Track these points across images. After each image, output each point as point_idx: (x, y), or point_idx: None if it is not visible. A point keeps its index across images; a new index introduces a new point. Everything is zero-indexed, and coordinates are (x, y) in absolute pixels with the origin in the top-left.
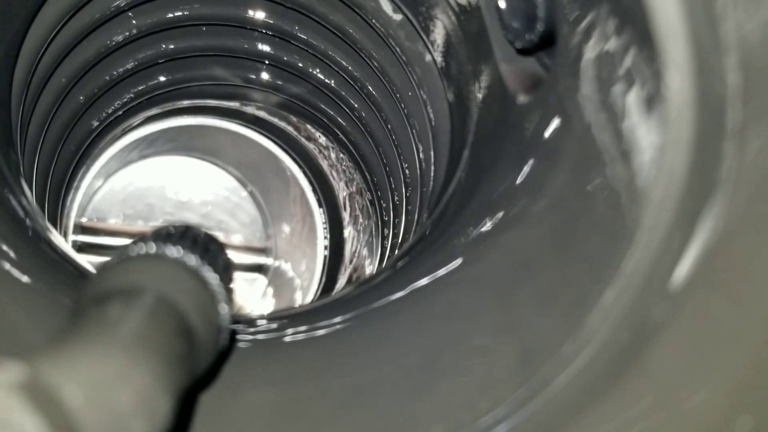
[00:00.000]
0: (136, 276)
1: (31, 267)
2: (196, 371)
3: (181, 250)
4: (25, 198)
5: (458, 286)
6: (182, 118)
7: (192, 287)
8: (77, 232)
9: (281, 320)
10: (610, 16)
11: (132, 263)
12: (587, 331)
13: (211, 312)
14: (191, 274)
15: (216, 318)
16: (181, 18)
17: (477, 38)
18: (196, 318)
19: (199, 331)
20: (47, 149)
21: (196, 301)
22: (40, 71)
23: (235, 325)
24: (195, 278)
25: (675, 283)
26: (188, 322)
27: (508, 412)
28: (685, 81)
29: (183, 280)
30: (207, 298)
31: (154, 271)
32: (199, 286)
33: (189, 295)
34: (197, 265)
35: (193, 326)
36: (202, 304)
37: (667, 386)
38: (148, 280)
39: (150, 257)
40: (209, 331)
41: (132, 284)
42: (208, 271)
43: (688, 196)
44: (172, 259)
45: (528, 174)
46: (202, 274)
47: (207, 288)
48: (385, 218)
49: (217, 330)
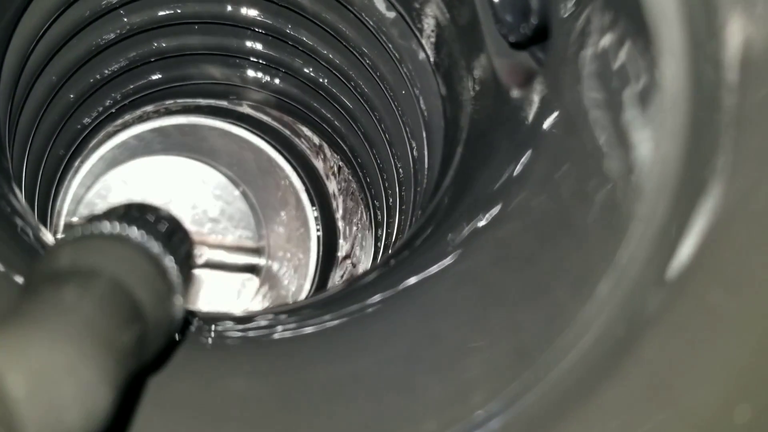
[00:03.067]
0: (94, 257)
1: (22, 266)
2: (143, 360)
3: (144, 235)
4: (14, 197)
5: (452, 281)
6: (174, 117)
7: (150, 275)
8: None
9: (271, 317)
10: (605, 9)
11: (92, 243)
12: (582, 324)
13: (166, 302)
14: (151, 261)
15: (170, 309)
16: (173, 16)
17: (470, 33)
18: (149, 307)
19: (151, 321)
20: (37, 148)
21: (151, 290)
22: (30, 69)
23: (225, 321)
24: (154, 266)
25: (671, 274)
26: (141, 311)
27: (503, 406)
28: (681, 67)
29: (141, 268)
30: (164, 288)
31: (113, 255)
32: (157, 275)
33: (145, 283)
34: (158, 252)
35: (146, 316)
36: (157, 294)
37: (663, 377)
38: (106, 263)
39: (111, 238)
40: (162, 322)
41: (89, 266)
42: (168, 260)
43: (684, 186)
44: (133, 243)
45: (522, 168)
46: (163, 262)
47: (165, 277)
48: (378, 217)
49: (170, 321)
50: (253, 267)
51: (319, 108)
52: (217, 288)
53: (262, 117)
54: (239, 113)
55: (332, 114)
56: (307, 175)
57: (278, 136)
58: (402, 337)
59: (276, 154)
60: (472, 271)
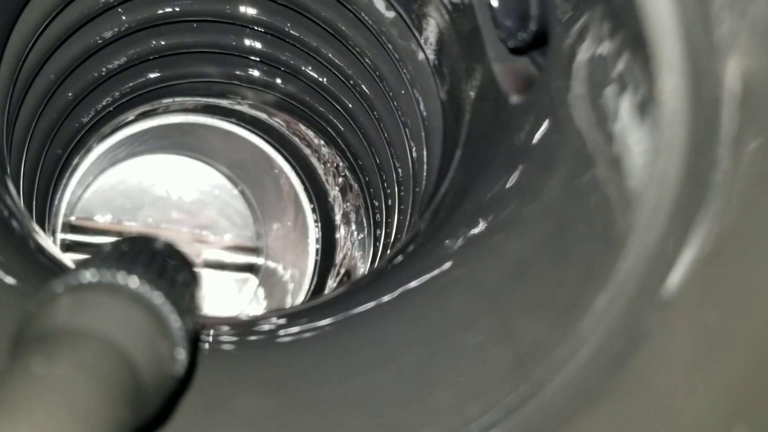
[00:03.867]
0: (83, 316)
1: (16, 268)
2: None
3: (143, 283)
4: (10, 197)
5: (449, 289)
6: (172, 116)
7: (148, 332)
8: (66, 230)
9: (271, 321)
10: (604, 18)
11: (85, 296)
12: (580, 336)
13: (167, 360)
14: (150, 314)
15: (171, 367)
16: (172, 14)
17: (470, 37)
18: (147, 371)
19: (149, 384)
20: (35, 147)
21: (150, 350)
22: (28, 67)
23: (224, 326)
24: (153, 320)
25: (668, 288)
26: (138, 375)
27: (499, 418)
28: (679, 84)
29: (138, 324)
30: (164, 346)
31: (107, 311)
32: (156, 331)
33: (143, 342)
34: (159, 303)
35: (144, 380)
36: (157, 353)
37: (661, 393)
38: (99, 322)
39: (106, 290)
40: (160, 383)
41: (81, 327)
42: (170, 311)
43: (682, 200)
44: (130, 294)
45: (520, 176)
46: (163, 313)
47: (166, 332)
48: (377, 218)
49: (169, 380)
50: (251, 266)
51: (318, 107)
52: (215, 287)
53: (260, 116)
54: (238, 112)
55: (331, 113)
56: (306, 174)
57: (277, 136)
58: (397, 347)
59: (275, 153)
60: (469, 279)
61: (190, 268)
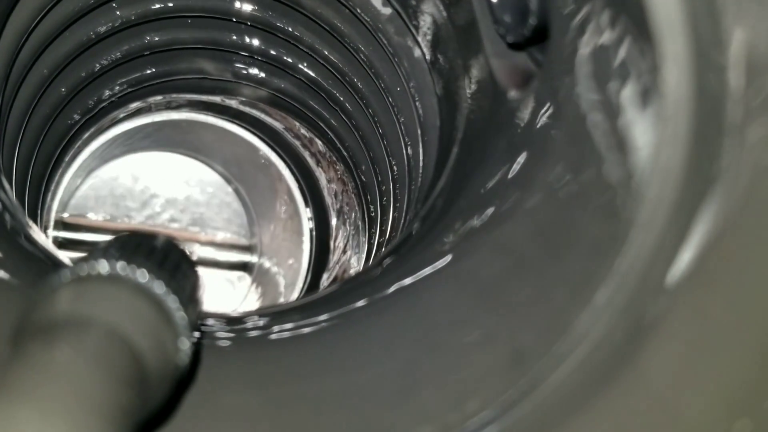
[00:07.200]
0: (89, 305)
1: (8, 263)
2: (147, 412)
3: (145, 274)
4: (3, 192)
5: (446, 284)
6: (166, 113)
7: (151, 321)
8: (59, 228)
9: (264, 318)
10: (605, 8)
11: (87, 287)
12: (580, 330)
13: (170, 350)
14: (153, 304)
15: (175, 356)
16: (166, 9)
17: (467, 32)
18: (152, 358)
19: (154, 372)
20: (27, 143)
21: (154, 338)
22: (21, 62)
23: (218, 322)
24: (156, 309)
25: (670, 281)
26: (142, 363)
27: (498, 414)
28: (684, 76)
29: (141, 313)
30: (167, 334)
31: (110, 301)
32: (159, 320)
33: (147, 331)
34: (161, 293)
35: (148, 368)
36: (160, 342)
37: (662, 387)
38: (103, 311)
39: (108, 280)
40: (166, 372)
41: (84, 315)
42: (172, 300)
43: (685, 193)
44: (133, 285)
45: (519, 170)
46: (166, 303)
47: (169, 321)
48: (372, 215)
49: (174, 370)
50: (245, 264)
51: (314, 104)
52: (209, 285)
53: (255, 113)
54: (232, 109)
55: (327, 111)
56: (300, 172)
57: (272, 133)
58: (395, 343)
59: (269, 150)
60: (467, 274)
61: (189, 262)
